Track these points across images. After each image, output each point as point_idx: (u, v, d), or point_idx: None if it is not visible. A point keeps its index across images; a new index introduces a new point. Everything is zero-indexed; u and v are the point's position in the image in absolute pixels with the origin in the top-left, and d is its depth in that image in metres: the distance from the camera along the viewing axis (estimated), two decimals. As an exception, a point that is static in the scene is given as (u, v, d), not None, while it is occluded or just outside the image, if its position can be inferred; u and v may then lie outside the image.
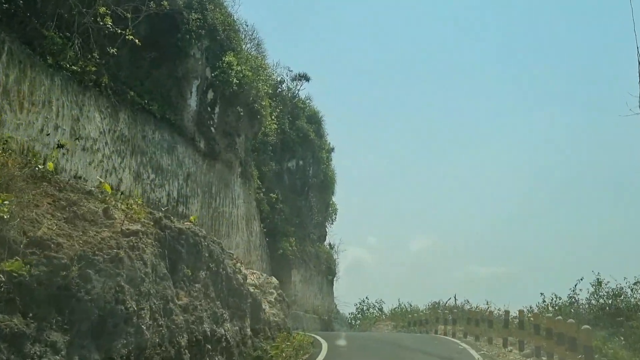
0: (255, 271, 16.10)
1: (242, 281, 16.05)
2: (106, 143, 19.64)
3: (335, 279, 57.67)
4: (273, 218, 40.05)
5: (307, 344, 19.04)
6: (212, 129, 32.18)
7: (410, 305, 24.23)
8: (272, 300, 14.75)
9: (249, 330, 16.66)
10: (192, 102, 29.71)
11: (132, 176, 23.33)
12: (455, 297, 25.15)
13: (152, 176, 24.95)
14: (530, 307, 22.83)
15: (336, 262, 56.69)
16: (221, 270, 15.00)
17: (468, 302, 23.98)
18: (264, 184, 40.38)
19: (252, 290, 16.61)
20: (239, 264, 18.81)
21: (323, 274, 51.11)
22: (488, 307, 24.55)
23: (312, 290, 46.84)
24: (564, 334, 14.65)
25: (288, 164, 46.20)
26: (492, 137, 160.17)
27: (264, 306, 16.62)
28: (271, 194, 40.23)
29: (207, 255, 13.82)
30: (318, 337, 21.88)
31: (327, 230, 57.09)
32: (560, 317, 16.56)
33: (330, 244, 57.67)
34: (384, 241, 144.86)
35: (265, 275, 15.14)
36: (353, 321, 23.63)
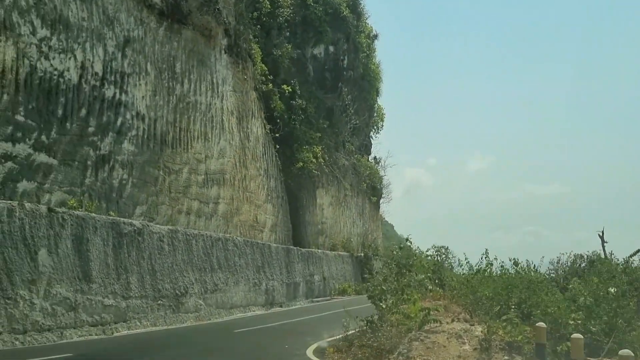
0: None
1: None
2: None
3: (382, 200, 46.98)
4: (289, 119, 29.27)
5: None
6: (176, -25, 21.13)
7: (518, 264, 11.58)
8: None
9: None
10: None
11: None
12: (602, 237, 12.98)
13: (44, 32, 14.58)
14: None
15: (383, 180, 45.83)
16: None
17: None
18: (276, 74, 29.41)
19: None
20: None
21: (364, 195, 40.47)
22: None
23: (349, 216, 36.45)
24: None
25: (313, 50, 34.77)
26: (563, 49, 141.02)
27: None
28: (284, 86, 29.23)
29: None
30: None
31: (371, 140, 45.99)
32: None
33: (375, 158, 46.69)
34: (443, 162, 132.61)
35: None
36: (375, 295, 11.69)
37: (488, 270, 11.28)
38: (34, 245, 11.31)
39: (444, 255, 16.84)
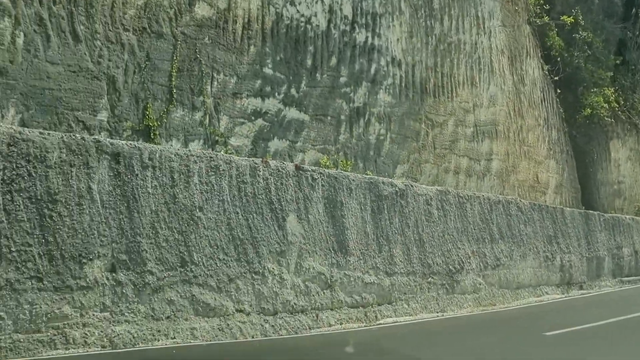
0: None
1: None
2: None
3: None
4: (570, 57, 24.03)
5: None
6: None
7: None
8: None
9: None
10: None
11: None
12: None
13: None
14: None
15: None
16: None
17: None
18: (552, 5, 24.34)
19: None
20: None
21: (671, 147, 32.40)
22: None
23: (652, 173, 29.32)
24: None
25: (597, -27, 28.26)
26: None
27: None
28: (564, 17, 24.00)
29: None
30: None
31: (675, 79, 36.82)
32: None
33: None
34: None
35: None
36: None
37: None
38: (282, 211, 9.56)
39: None
